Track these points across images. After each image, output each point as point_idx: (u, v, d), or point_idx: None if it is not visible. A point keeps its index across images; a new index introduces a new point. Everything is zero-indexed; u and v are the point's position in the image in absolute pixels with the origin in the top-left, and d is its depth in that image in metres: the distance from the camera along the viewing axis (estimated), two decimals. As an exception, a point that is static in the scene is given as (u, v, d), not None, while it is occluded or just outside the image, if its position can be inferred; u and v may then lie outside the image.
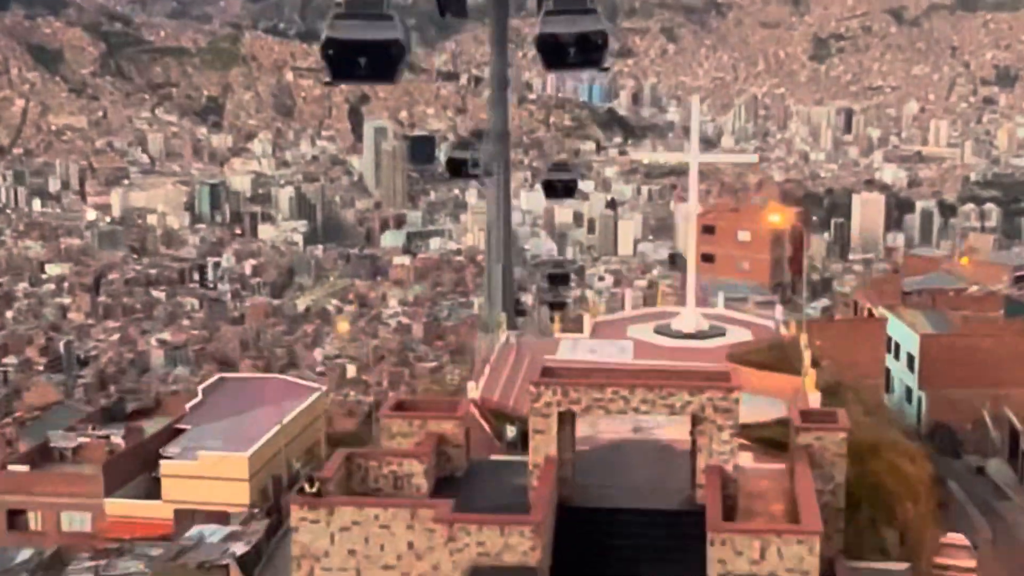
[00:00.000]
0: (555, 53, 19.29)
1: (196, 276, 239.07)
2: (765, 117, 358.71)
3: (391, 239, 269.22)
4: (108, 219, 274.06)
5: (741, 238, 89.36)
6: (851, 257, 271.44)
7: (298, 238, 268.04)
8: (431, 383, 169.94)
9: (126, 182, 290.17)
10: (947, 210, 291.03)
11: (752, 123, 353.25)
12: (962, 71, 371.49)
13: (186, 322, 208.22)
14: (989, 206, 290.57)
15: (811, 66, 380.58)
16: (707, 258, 79.76)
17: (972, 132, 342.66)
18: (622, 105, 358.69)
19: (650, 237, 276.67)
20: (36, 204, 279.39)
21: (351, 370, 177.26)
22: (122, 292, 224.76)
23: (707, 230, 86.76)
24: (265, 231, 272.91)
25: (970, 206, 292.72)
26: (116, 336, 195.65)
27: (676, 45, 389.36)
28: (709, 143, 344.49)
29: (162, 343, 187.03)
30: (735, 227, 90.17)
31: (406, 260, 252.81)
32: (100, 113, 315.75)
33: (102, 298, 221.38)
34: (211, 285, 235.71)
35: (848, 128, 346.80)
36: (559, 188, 47.99)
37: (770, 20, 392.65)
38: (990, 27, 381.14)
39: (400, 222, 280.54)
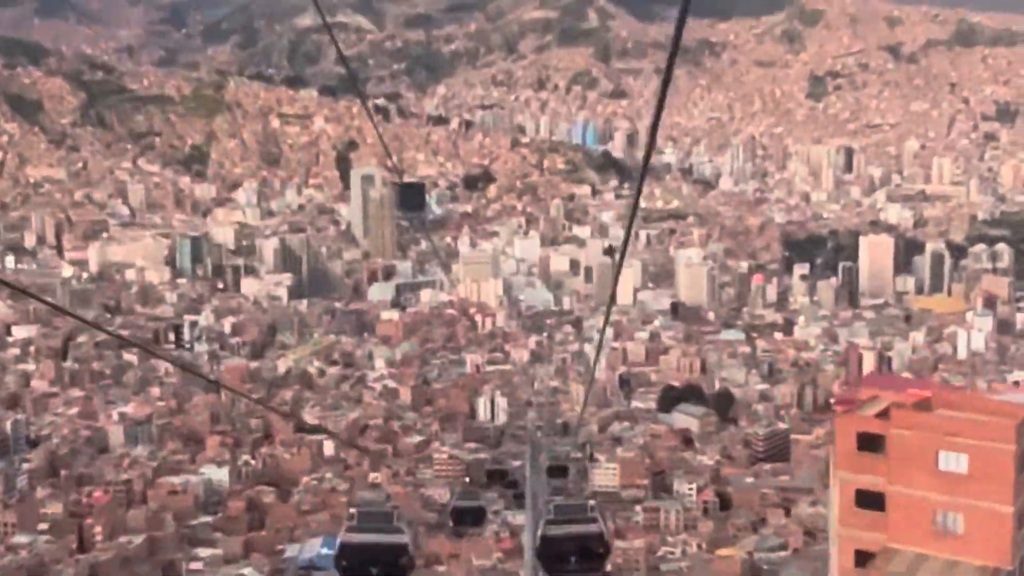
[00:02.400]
0: (556, 559, 15.84)
1: (172, 336, 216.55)
2: (763, 157, 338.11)
3: (379, 292, 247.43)
4: (85, 275, 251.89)
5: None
6: (861, 303, 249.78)
7: (282, 292, 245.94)
8: (417, 463, 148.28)
9: (105, 236, 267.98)
10: (956, 251, 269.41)
11: (750, 163, 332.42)
12: (962, 107, 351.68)
13: (156, 390, 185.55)
14: (1001, 246, 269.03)
15: (808, 104, 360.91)
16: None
17: (975, 169, 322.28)
18: (617, 147, 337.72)
19: (650, 285, 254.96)
20: (10, 260, 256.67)
21: (328, 448, 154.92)
22: (91, 356, 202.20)
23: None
24: (248, 285, 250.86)
25: (980, 246, 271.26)
26: (75, 409, 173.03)
27: (671, 86, 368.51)
28: (707, 184, 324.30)
29: (123, 418, 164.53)
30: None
31: (395, 315, 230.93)
32: (80, 164, 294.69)
33: (68, 363, 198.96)
34: (187, 346, 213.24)
35: (849, 167, 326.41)
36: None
37: (765, 59, 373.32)
38: (988, 62, 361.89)
39: (389, 273, 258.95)
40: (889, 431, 29.47)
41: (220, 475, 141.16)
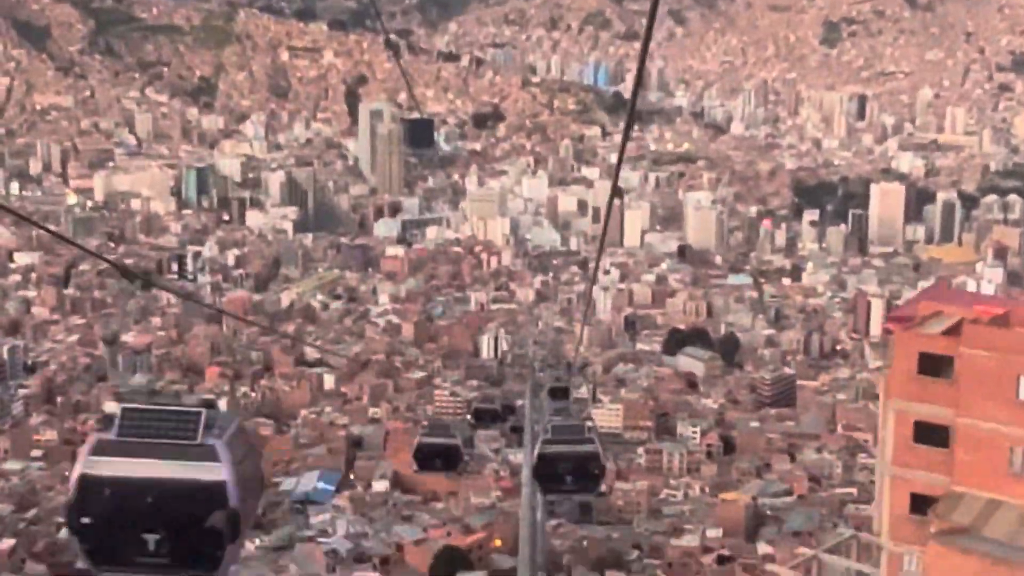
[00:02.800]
0: (552, 479, 16.57)
1: (175, 267, 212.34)
2: (775, 102, 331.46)
3: (385, 228, 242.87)
4: (90, 204, 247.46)
5: None
6: (870, 251, 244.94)
7: (287, 226, 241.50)
8: (418, 398, 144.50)
9: (111, 165, 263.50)
10: (967, 201, 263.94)
11: (762, 108, 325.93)
12: (977, 57, 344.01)
13: (158, 320, 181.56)
14: (1013, 197, 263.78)
15: (822, 51, 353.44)
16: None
17: (989, 120, 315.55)
18: (628, 89, 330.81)
19: (658, 228, 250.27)
20: (14, 187, 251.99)
21: (328, 381, 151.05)
22: (93, 285, 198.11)
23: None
24: (254, 218, 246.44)
25: (992, 197, 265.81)
26: (75, 337, 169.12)
27: (684, 28, 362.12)
28: (718, 129, 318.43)
29: (122, 347, 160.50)
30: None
31: (400, 251, 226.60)
32: (87, 92, 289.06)
33: (70, 291, 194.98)
34: (190, 277, 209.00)
35: (861, 115, 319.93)
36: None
37: (780, 3, 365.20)
38: (1005, 12, 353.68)
39: (396, 209, 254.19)
40: (959, 351, 24.42)
41: (219, 406, 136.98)
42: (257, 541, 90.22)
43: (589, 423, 18.32)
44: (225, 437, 8.45)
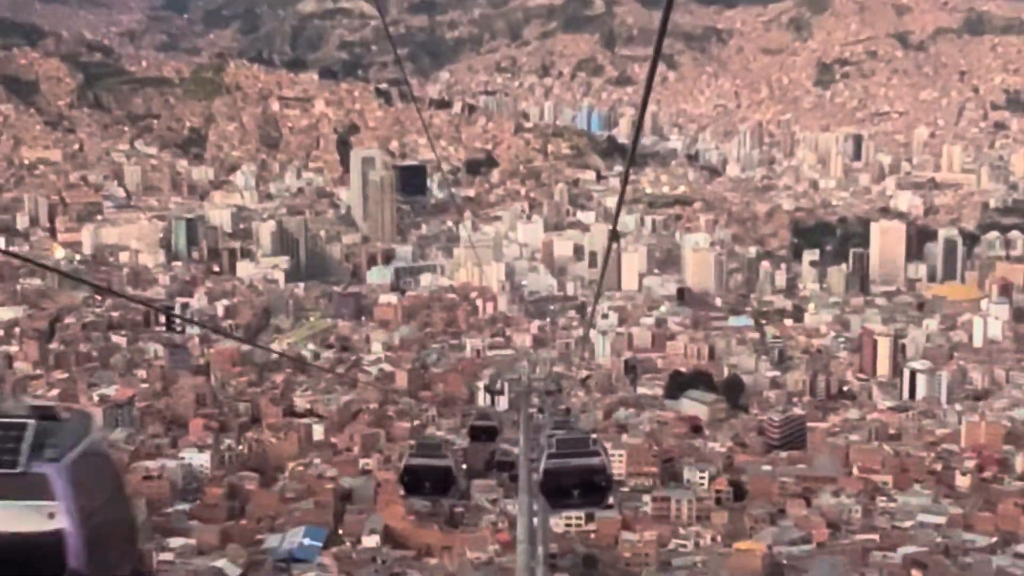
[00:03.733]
0: (559, 493, 15.75)
1: (162, 319, 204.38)
2: (770, 144, 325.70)
3: (378, 275, 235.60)
4: (78, 257, 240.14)
5: None
6: (872, 290, 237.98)
7: (279, 275, 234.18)
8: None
9: (99, 218, 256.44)
10: (968, 239, 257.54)
11: (757, 150, 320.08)
12: (971, 96, 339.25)
13: (142, 373, 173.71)
14: (1014, 234, 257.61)
15: (816, 92, 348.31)
16: None
17: (986, 158, 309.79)
18: (622, 133, 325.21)
19: (656, 271, 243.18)
20: (1, 242, 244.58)
21: (317, 431, 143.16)
22: (79, 338, 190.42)
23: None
24: (244, 268, 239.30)
25: (994, 234, 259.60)
26: (57, 391, 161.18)
27: (676, 72, 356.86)
28: (714, 171, 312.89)
29: (103, 400, 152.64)
30: None
31: (393, 299, 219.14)
32: (76, 146, 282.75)
33: (54, 345, 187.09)
34: (178, 329, 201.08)
35: (858, 155, 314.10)
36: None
37: (772, 46, 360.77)
38: (998, 51, 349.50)
39: (389, 257, 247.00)
40: None
41: (202, 460, 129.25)
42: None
43: (594, 435, 17.13)
44: (66, 460, 5.33)
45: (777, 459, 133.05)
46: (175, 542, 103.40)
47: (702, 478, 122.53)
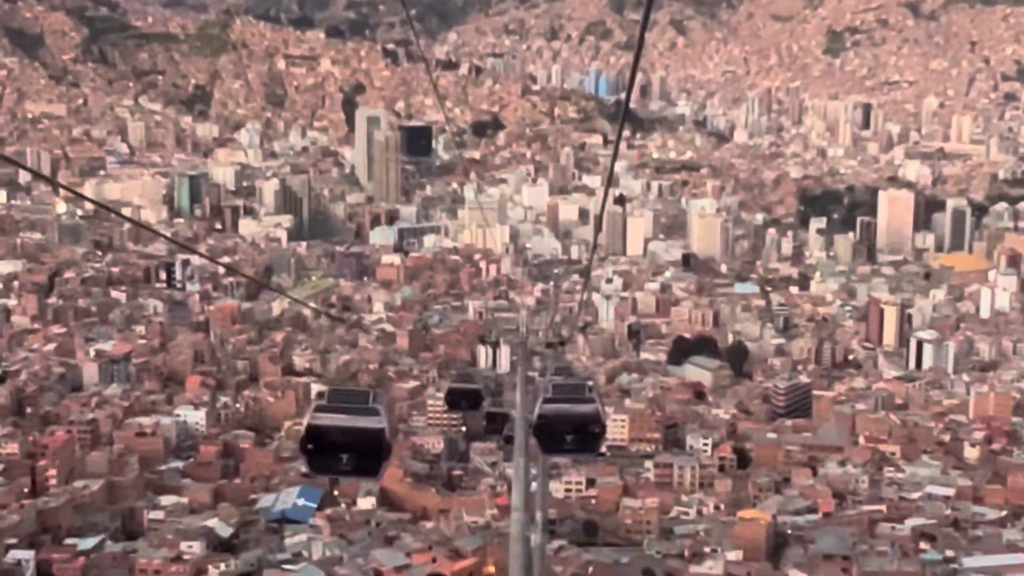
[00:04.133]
0: (551, 438, 15.92)
1: (163, 275, 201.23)
2: (779, 111, 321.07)
3: (381, 236, 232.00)
4: (79, 212, 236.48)
5: None
6: (879, 259, 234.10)
7: (281, 234, 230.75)
8: (410, 408, 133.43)
9: (102, 173, 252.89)
10: (977, 209, 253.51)
11: (766, 117, 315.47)
12: (982, 66, 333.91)
13: (141, 329, 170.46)
14: (1022, 205, 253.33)
15: (826, 60, 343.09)
16: None
17: (995, 128, 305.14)
18: (631, 98, 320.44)
19: (661, 236, 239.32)
20: (2, 196, 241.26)
21: (315, 390, 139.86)
22: (78, 293, 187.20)
23: None
24: (247, 226, 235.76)
25: (1002, 205, 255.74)
26: (52, 346, 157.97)
27: (685, 38, 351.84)
28: (721, 137, 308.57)
29: (100, 356, 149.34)
30: None
31: (396, 259, 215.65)
32: (80, 100, 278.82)
33: (53, 300, 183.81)
34: (179, 285, 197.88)
35: (866, 123, 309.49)
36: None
37: (782, 13, 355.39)
38: (1010, 21, 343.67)
39: (392, 218, 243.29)
40: None
41: (197, 417, 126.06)
42: (222, 567, 79.11)
43: (590, 382, 16.94)
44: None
45: (782, 427, 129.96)
46: (166, 500, 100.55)
47: (705, 445, 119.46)
